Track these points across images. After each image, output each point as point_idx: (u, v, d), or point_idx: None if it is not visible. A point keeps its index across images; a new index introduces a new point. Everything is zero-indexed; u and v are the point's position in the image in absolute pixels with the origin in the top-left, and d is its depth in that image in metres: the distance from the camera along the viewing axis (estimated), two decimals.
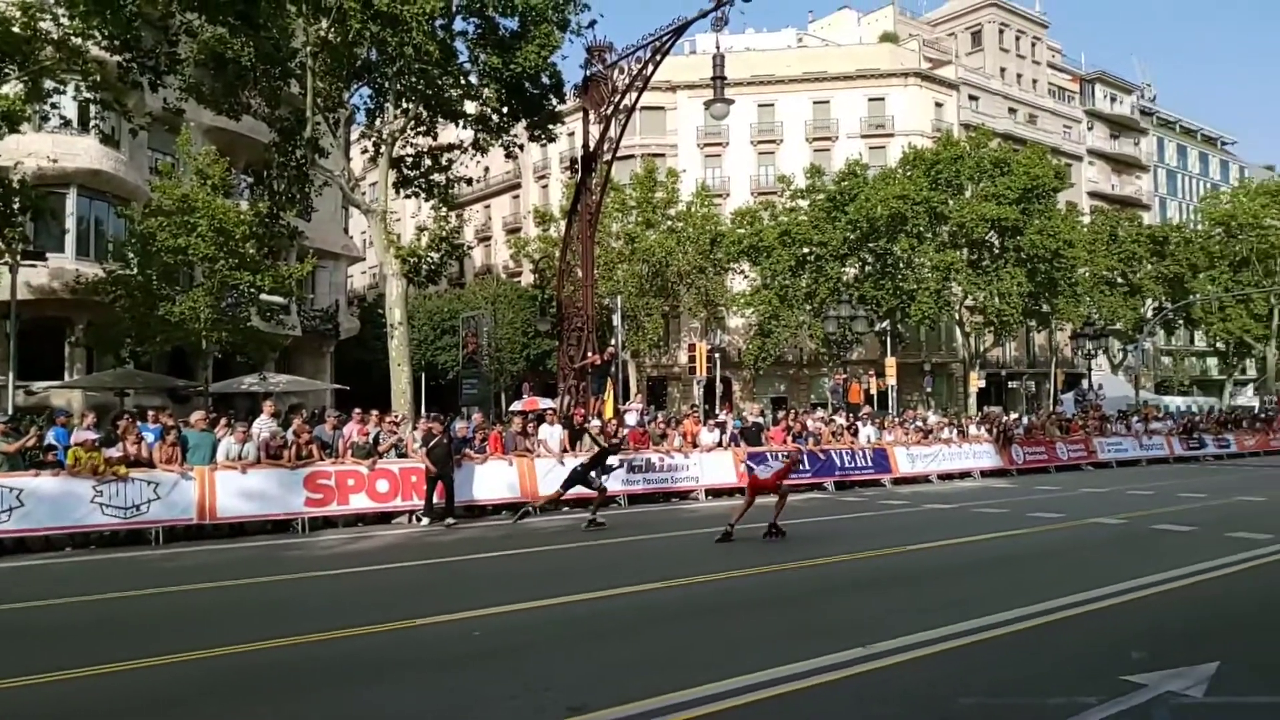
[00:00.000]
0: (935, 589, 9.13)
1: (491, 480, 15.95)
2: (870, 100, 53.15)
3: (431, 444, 14.47)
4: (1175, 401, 46.73)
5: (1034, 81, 62.44)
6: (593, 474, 14.43)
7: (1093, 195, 61.35)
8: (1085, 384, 43.22)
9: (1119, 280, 49.15)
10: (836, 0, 66.51)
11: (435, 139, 21.41)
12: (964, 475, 23.24)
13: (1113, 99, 67.93)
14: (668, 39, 19.28)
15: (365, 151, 22.40)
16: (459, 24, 19.95)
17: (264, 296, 25.04)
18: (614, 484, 17.14)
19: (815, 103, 52.85)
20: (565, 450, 17.06)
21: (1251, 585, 9.25)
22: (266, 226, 22.06)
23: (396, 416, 17.31)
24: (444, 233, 21.74)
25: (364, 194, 24.51)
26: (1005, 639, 6.99)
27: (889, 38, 59.07)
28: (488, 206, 63.17)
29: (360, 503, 14.72)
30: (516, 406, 26.38)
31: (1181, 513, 15.15)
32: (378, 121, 21.24)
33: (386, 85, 19.93)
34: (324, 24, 18.20)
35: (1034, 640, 7.00)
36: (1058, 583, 8.98)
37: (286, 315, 29.69)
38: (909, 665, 6.24)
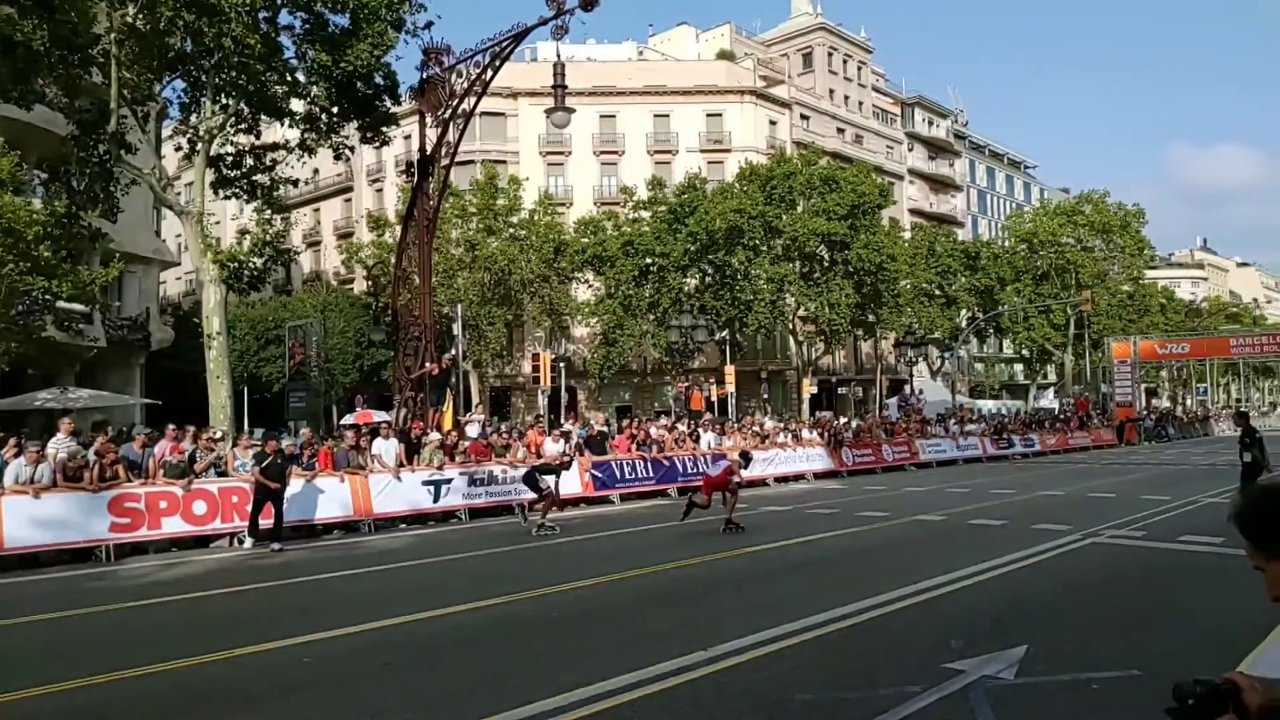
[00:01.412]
0: (772, 589, 9.34)
1: (321, 499, 15.12)
2: (708, 116, 54.60)
3: (266, 462, 13.52)
4: (987, 405, 50.34)
5: (860, 104, 66.03)
6: (543, 478, 14.52)
7: (913, 212, 65.44)
8: (908, 389, 45.96)
9: (937, 292, 52.52)
10: (675, 16, 68.05)
11: (258, 137, 20.24)
12: (799, 478, 24.09)
13: (930, 123, 72.78)
14: (507, 44, 19.03)
15: (179, 149, 20.87)
16: (285, 18, 19.00)
17: (61, 304, 22.78)
18: (454, 498, 16.70)
19: (656, 116, 53.79)
20: (402, 465, 16.44)
21: (1054, 573, 9.98)
22: (64, 227, 20.08)
23: (215, 433, 16.15)
24: (268, 236, 20.55)
25: (178, 194, 22.78)
26: (838, 634, 7.21)
27: (726, 55, 60.94)
28: (317, 210, 60.47)
29: (174, 526, 13.58)
30: (349, 420, 25.17)
31: (994, 508, 16.24)
32: (193, 117, 19.83)
33: (203, 78, 18.66)
34: (130, 9, 16.83)
35: (864, 634, 7.25)
36: (885, 578, 9.37)
37: (89, 325, 27.21)
38: (748, 665, 6.34)
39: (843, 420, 32.34)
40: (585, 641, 7.29)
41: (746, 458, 15.31)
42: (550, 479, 14.72)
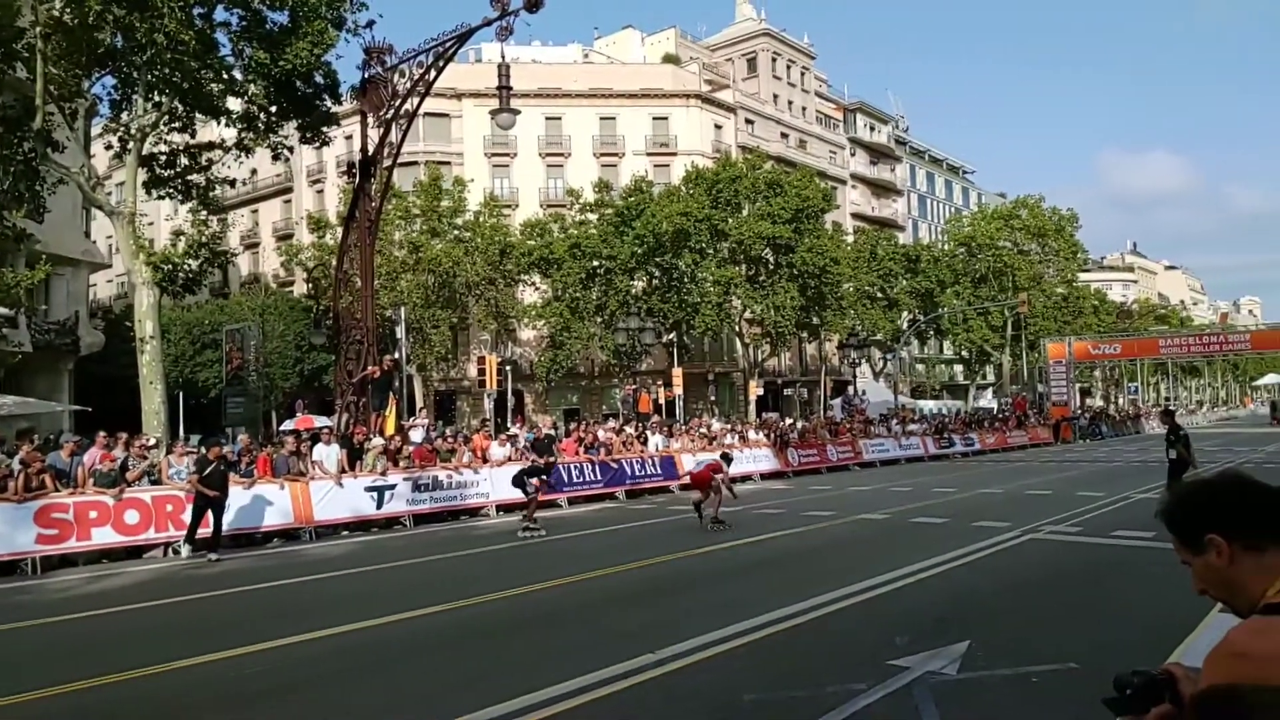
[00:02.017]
0: (721, 590, 9.36)
1: (260, 506, 14.76)
2: (654, 119, 54.74)
3: (209, 469, 13.12)
4: (928, 405, 51.27)
5: (803, 109, 66.84)
6: (528, 480, 15.02)
7: (855, 216, 66.42)
8: (851, 390, 46.63)
9: (879, 295, 53.34)
10: (620, 19, 68.13)
11: (193, 136, 19.70)
12: (746, 478, 24.23)
13: (872, 128, 73.95)
14: (451, 45, 18.82)
15: (110, 147, 20.22)
16: (221, 14, 18.54)
17: None
18: (399, 504, 16.44)
19: (602, 118, 53.74)
20: (344, 471, 16.13)
21: (994, 569, 10.17)
22: None
23: (148, 440, 15.66)
24: (203, 238, 19.98)
25: (109, 194, 22.03)
26: (785, 634, 7.25)
27: (671, 59, 61.19)
28: (255, 211, 59.09)
29: (105, 537, 13.14)
30: (288, 426, 24.61)
31: (935, 506, 16.52)
32: (124, 114, 19.22)
33: (135, 75, 18.09)
34: (56, 3, 16.24)
35: (810, 633, 7.31)
36: (831, 577, 9.46)
37: (13, 329, 26.20)
38: (697, 667, 6.34)
39: (788, 421, 32.65)
40: (535, 647, 7.21)
41: (727, 458, 15.72)
42: (534, 480, 15.08)
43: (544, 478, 15.56)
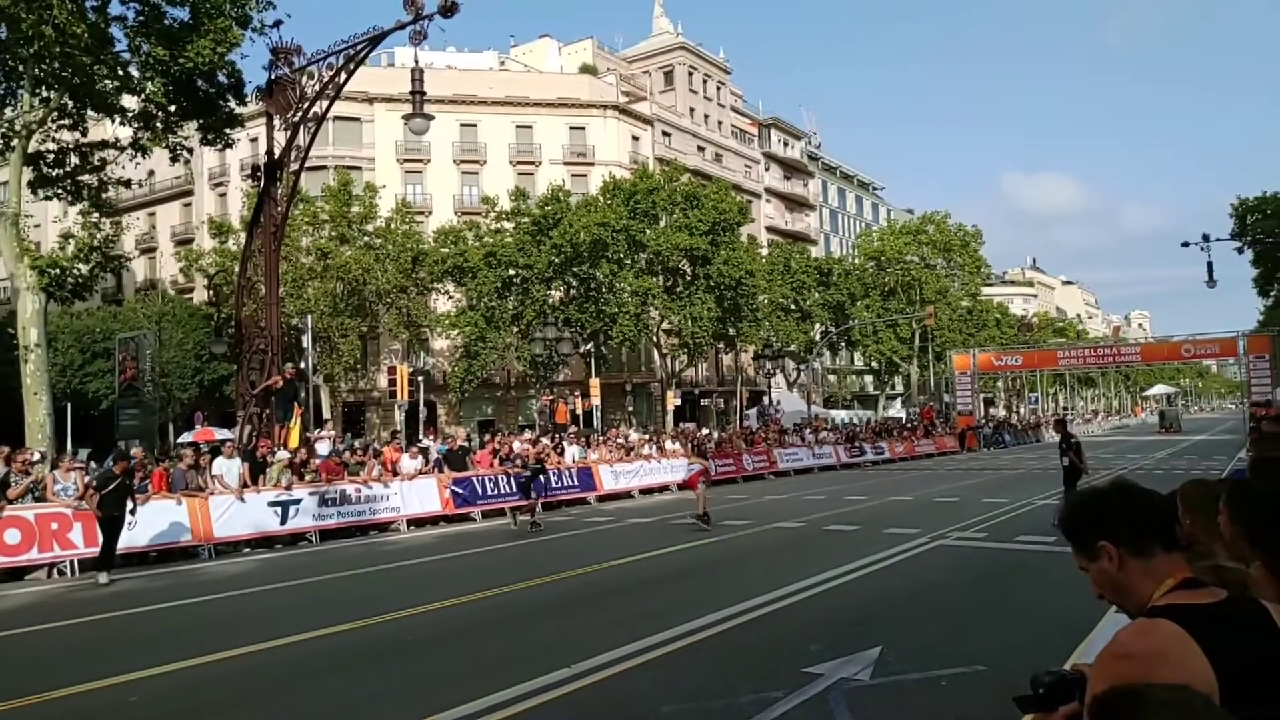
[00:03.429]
0: (638, 602, 9.27)
1: (156, 523, 14.00)
2: (572, 129, 54.65)
3: (115, 484, 12.36)
4: (840, 415, 52.35)
5: (719, 123, 67.71)
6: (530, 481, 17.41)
7: (770, 230, 67.55)
8: (767, 400, 47.26)
9: (792, 307, 54.29)
10: (537, 28, 67.96)
11: (84, 134, 18.70)
12: (663, 489, 24.25)
13: (785, 144, 75.40)
14: (363, 48, 18.35)
15: None
16: (116, 7, 17.70)
17: None
18: (304, 520, 15.87)
19: (518, 127, 53.37)
20: (246, 485, 15.46)
21: (905, 574, 10.37)
22: None
23: (32, 454, 14.70)
24: (95, 241, 18.97)
25: None
26: (701, 644, 7.20)
27: (589, 69, 61.23)
28: (153, 214, 56.64)
29: None
30: (187, 438, 23.60)
31: (848, 514, 16.81)
32: (8, 110, 18.11)
33: (20, 69, 17.08)
34: None
35: (727, 642, 7.28)
36: (747, 586, 9.48)
37: None
38: (614, 680, 6.26)
39: (705, 431, 32.85)
40: (446, 664, 7.00)
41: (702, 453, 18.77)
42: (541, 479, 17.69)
43: (546, 478, 18.45)
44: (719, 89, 68.86)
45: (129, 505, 12.56)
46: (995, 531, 13.56)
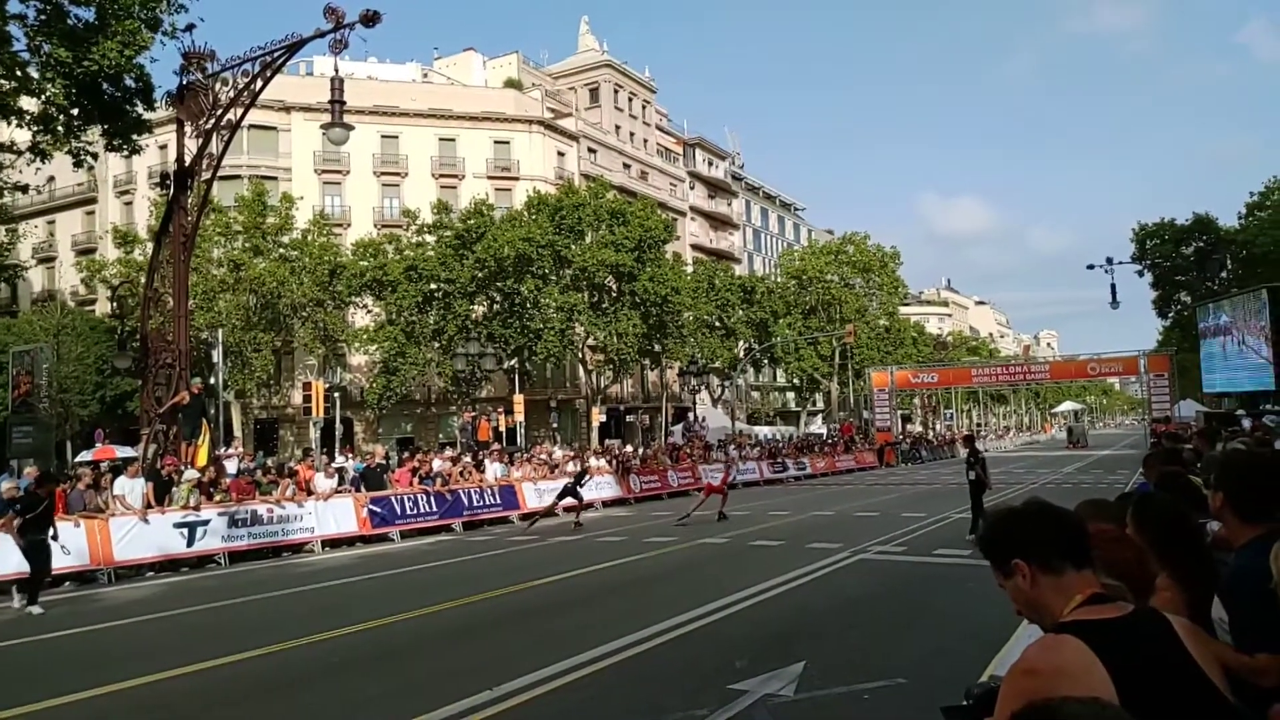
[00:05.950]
0: (561, 621, 9.12)
1: (51, 546, 13.20)
2: (496, 143, 54.25)
3: (41, 506, 11.67)
4: (763, 430, 52.91)
5: (645, 141, 68.15)
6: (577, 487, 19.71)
7: (695, 248, 68.16)
8: (692, 416, 47.47)
9: (717, 324, 54.79)
10: (461, 41, 67.45)
11: None
12: (588, 506, 24.04)
13: (710, 163, 76.32)
14: (280, 55, 17.86)
15: None
16: (15, 5, 16.81)
17: None
18: (212, 541, 15.22)
19: (441, 139, 52.73)
20: (150, 506, 14.76)
21: (828, 589, 10.45)
22: None
23: None
24: None
25: None
26: (627, 662, 7.10)
27: (513, 84, 60.95)
28: (52, 222, 54.06)
29: None
30: (86, 457, 22.42)
31: (771, 529, 16.92)
32: None
33: None
34: None
35: (653, 660, 7.19)
36: (672, 602, 9.41)
37: None
38: (538, 701, 6.13)
39: (630, 448, 32.79)
40: (364, 689, 6.72)
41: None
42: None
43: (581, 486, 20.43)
44: (644, 107, 69.35)
45: (50, 530, 11.95)
46: (914, 545, 13.80)
